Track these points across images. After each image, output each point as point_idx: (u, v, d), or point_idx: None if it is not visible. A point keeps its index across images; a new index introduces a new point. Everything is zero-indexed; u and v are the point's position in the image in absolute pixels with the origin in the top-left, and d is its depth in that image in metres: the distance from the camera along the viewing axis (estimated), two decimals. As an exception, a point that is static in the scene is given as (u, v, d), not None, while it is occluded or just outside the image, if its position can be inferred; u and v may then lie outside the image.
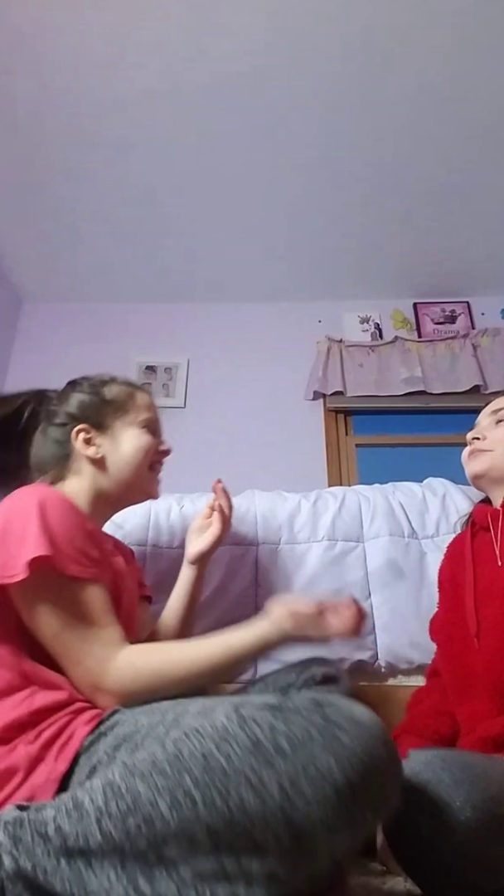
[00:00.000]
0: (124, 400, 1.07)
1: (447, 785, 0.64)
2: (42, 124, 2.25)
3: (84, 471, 1.02)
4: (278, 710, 0.58)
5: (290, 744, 0.54)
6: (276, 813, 0.51)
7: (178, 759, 0.54)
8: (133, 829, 0.51)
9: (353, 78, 2.08)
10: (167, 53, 2.00)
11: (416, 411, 2.84)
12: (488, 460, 1.07)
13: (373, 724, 0.58)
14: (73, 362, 2.98)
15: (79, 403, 1.05)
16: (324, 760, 0.53)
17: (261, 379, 2.96)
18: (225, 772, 0.53)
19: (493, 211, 2.63)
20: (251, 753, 0.54)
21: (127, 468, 1.02)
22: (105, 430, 1.03)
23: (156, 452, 1.07)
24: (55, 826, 0.53)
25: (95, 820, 0.52)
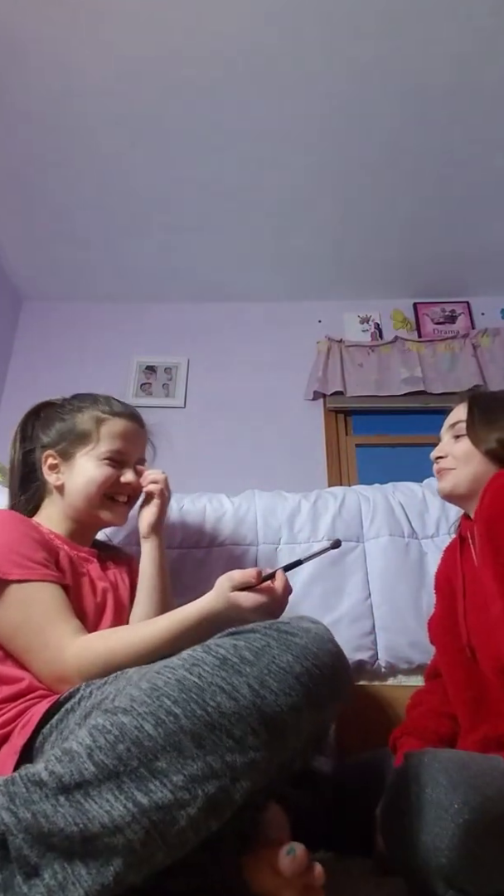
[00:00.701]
0: (90, 431, 1.08)
1: (444, 787, 0.64)
2: (42, 124, 2.25)
3: (54, 497, 1.09)
4: (237, 633, 0.67)
5: (253, 653, 0.62)
6: (249, 708, 0.58)
7: (155, 689, 0.60)
8: (124, 752, 0.56)
9: (353, 78, 2.08)
10: (167, 53, 2.00)
11: (416, 411, 2.85)
12: (452, 479, 1.08)
13: (318, 628, 0.68)
14: (73, 362, 3.01)
15: (54, 430, 1.10)
16: (283, 658, 0.62)
17: (261, 379, 2.96)
18: (199, 686, 0.59)
19: (493, 211, 2.63)
20: (220, 668, 0.61)
21: (79, 498, 1.05)
22: (68, 459, 1.07)
23: (112, 486, 1.06)
24: (48, 772, 0.56)
25: (87, 756, 0.56)
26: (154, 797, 0.54)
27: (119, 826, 0.52)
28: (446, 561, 1.16)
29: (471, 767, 0.68)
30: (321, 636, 0.67)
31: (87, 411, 1.10)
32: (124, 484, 1.08)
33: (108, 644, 0.84)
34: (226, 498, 1.51)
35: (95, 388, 1.17)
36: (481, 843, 0.61)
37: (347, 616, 1.32)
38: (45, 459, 1.08)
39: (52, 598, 0.88)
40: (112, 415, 1.10)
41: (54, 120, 2.23)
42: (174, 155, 2.39)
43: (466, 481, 1.06)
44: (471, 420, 1.08)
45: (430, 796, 0.63)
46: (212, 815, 0.56)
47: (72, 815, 0.53)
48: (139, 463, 1.13)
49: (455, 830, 0.61)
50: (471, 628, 0.97)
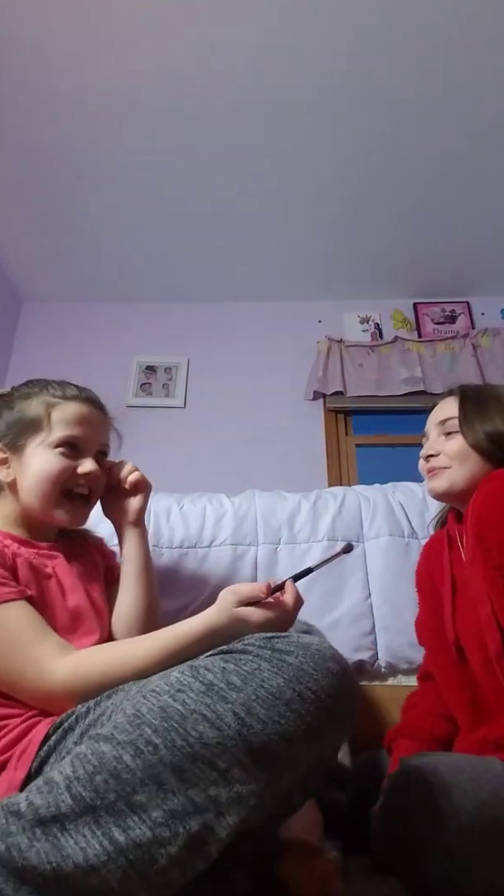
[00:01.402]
0: (39, 417, 0.95)
1: (439, 791, 0.64)
2: (43, 125, 2.25)
3: (4, 492, 0.97)
4: (228, 653, 0.61)
5: (241, 677, 0.57)
6: (233, 738, 0.54)
7: (138, 716, 0.57)
8: (101, 785, 0.53)
9: (353, 78, 2.08)
10: (169, 56, 2.00)
11: (416, 411, 2.83)
12: (448, 478, 1.04)
13: (320, 645, 0.62)
14: (73, 362, 3.01)
15: (1, 422, 0.98)
16: (273, 682, 0.57)
17: (261, 379, 2.96)
18: (182, 714, 0.55)
19: (494, 211, 2.63)
20: (205, 694, 0.57)
21: (32, 495, 0.93)
22: (16, 451, 0.95)
23: (69, 478, 0.94)
24: (27, 802, 0.54)
25: (65, 787, 0.53)
26: (132, 834, 0.51)
27: (94, 866, 0.50)
28: (427, 558, 1.13)
29: (466, 771, 0.68)
30: (321, 654, 0.60)
31: (35, 397, 0.97)
32: (83, 474, 0.95)
33: (102, 663, 0.78)
34: (226, 498, 1.51)
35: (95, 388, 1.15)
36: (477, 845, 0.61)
37: (347, 616, 1.32)
38: None
39: (18, 619, 0.80)
40: (64, 398, 0.97)
41: (55, 120, 2.23)
42: (174, 155, 2.39)
43: (462, 480, 1.02)
44: (463, 416, 1.04)
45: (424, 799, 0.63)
46: (195, 853, 0.52)
47: (45, 852, 0.50)
48: (101, 452, 1.01)
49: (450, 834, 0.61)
50: (460, 630, 0.96)
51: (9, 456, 0.95)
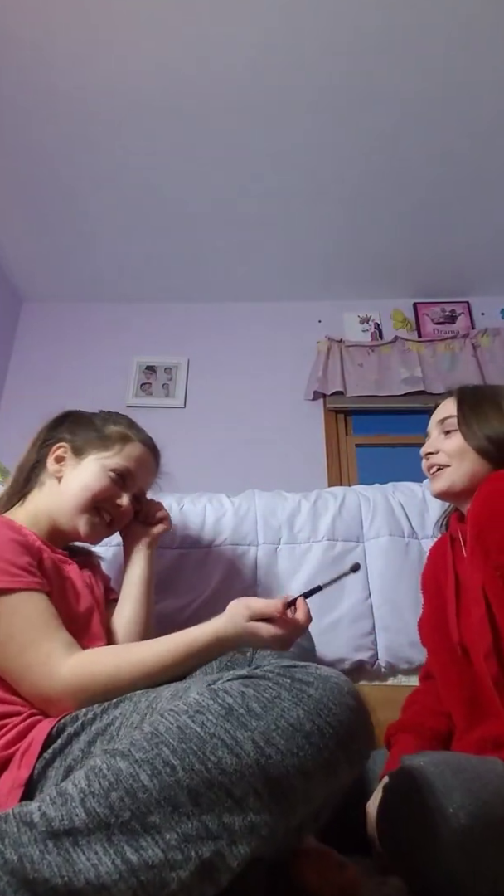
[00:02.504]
0: (112, 439, 1.06)
1: (440, 791, 0.63)
2: (43, 125, 2.25)
3: (45, 485, 1.04)
4: (248, 678, 0.61)
5: (261, 705, 0.57)
6: (252, 767, 0.53)
7: (156, 735, 0.57)
8: (116, 802, 0.52)
9: (353, 78, 2.08)
10: (169, 56, 2.00)
11: (416, 411, 2.84)
12: (448, 477, 1.05)
13: (338, 678, 0.61)
14: (73, 362, 3.01)
15: (81, 429, 1.08)
16: (293, 713, 0.56)
17: (261, 379, 2.96)
18: (201, 737, 0.55)
19: (494, 211, 2.63)
20: (224, 718, 0.56)
21: (71, 497, 1.00)
22: (78, 456, 1.04)
23: (107, 500, 1.02)
24: (40, 813, 0.53)
25: (80, 801, 0.53)
26: (144, 855, 0.51)
27: (105, 884, 0.49)
28: (433, 560, 1.15)
29: (467, 770, 0.68)
30: (339, 688, 0.60)
31: (118, 425, 1.09)
32: (116, 505, 1.03)
33: (112, 665, 0.78)
34: (226, 498, 1.51)
35: (96, 387, 1.17)
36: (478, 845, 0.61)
37: (347, 616, 1.32)
38: (55, 449, 1.04)
39: (37, 609, 0.81)
40: (139, 439, 1.09)
41: (56, 120, 2.23)
42: (175, 155, 2.39)
43: (462, 479, 1.04)
44: (461, 416, 1.07)
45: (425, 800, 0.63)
46: (206, 880, 0.51)
47: (58, 866, 0.50)
48: (137, 495, 1.10)
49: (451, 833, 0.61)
50: (464, 629, 0.96)
51: (68, 457, 1.04)
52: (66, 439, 1.06)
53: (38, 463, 1.07)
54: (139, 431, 1.11)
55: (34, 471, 1.06)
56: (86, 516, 1.00)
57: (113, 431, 1.07)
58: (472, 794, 0.63)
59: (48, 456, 1.05)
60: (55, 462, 1.04)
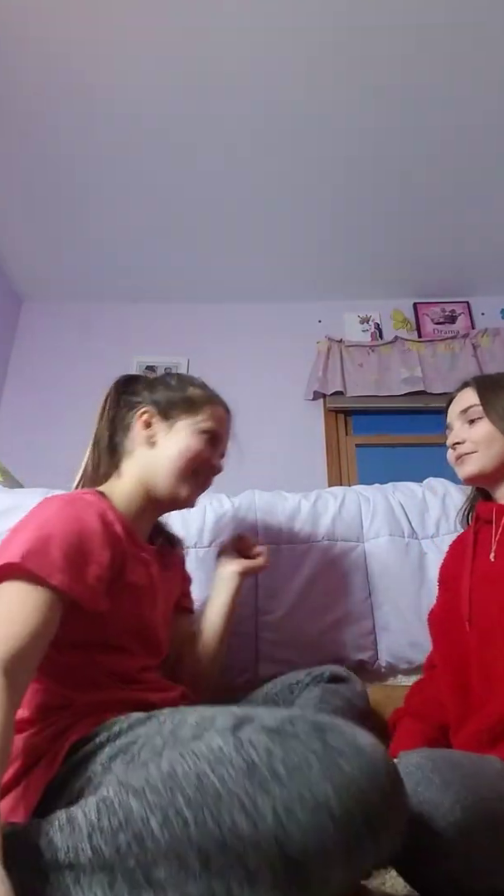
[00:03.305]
0: (200, 402, 1.06)
1: (437, 787, 0.63)
2: (45, 125, 2.25)
3: (136, 454, 1.02)
4: (276, 734, 0.55)
5: (287, 769, 0.52)
6: (269, 839, 0.49)
7: (172, 777, 0.54)
8: (123, 845, 0.50)
9: (353, 78, 2.08)
10: (170, 55, 2.00)
11: (416, 411, 2.85)
12: (477, 462, 1.08)
13: (376, 752, 0.55)
14: (73, 362, 3.01)
15: (160, 389, 1.07)
16: (321, 788, 0.50)
17: (261, 379, 2.96)
18: (218, 793, 0.51)
19: (493, 211, 2.63)
20: (246, 776, 0.52)
21: (169, 463, 0.99)
22: (168, 421, 1.03)
23: (204, 462, 1.03)
24: (47, 840, 0.52)
25: (87, 835, 0.52)
26: None
27: None
28: (454, 552, 1.17)
29: (464, 766, 0.68)
30: (375, 767, 0.53)
31: (198, 388, 1.09)
32: (212, 466, 1.05)
33: None
34: (226, 498, 1.51)
35: (95, 388, 1.16)
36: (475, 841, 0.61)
37: (347, 616, 1.32)
38: (141, 415, 1.03)
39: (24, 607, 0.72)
40: (218, 402, 1.10)
41: (56, 121, 2.23)
42: (176, 156, 2.39)
43: (492, 462, 1.06)
44: (485, 402, 1.09)
45: (422, 795, 0.63)
46: None
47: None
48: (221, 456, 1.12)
49: (449, 829, 0.61)
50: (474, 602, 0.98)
51: (155, 422, 1.03)
52: (148, 403, 1.04)
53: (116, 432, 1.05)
54: (217, 394, 1.12)
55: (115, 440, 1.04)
56: (185, 482, 1.00)
57: (197, 394, 1.07)
58: (470, 789, 0.63)
59: (133, 422, 1.03)
60: (144, 427, 1.02)
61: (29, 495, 1.49)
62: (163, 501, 1.02)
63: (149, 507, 1.01)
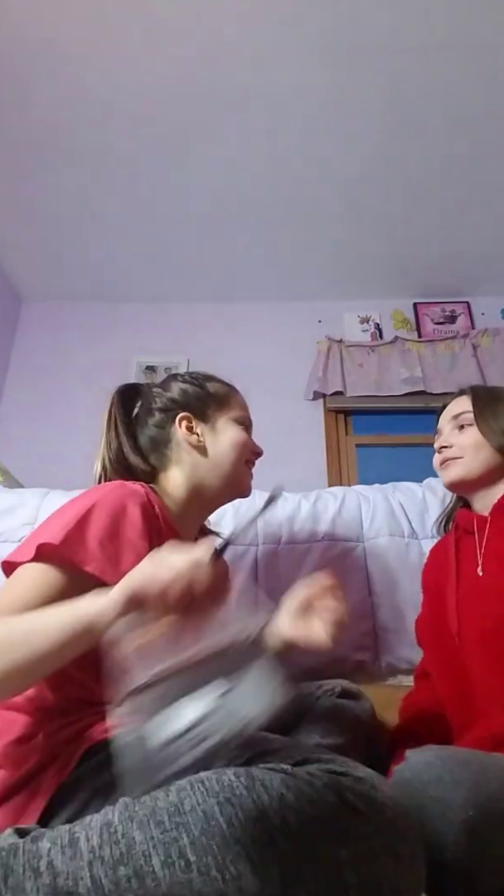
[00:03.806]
0: (226, 395, 1.08)
1: (447, 784, 0.63)
2: (44, 125, 2.25)
3: (185, 460, 1.02)
4: (291, 777, 0.51)
5: (300, 821, 0.48)
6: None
7: (179, 812, 0.51)
8: (123, 880, 0.49)
9: (353, 78, 2.08)
10: (170, 55, 2.00)
11: (416, 411, 2.84)
12: (462, 468, 1.08)
13: (395, 807, 0.51)
14: (73, 362, 3.01)
15: (181, 392, 1.07)
16: (337, 853, 0.46)
17: (260, 379, 2.95)
18: (224, 837, 0.48)
19: (493, 211, 2.63)
20: (255, 823, 0.48)
21: (226, 460, 1.02)
22: (206, 421, 1.04)
23: (250, 449, 1.07)
24: (48, 861, 0.52)
25: (88, 863, 0.50)
26: None
27: None
28: (434, 559, 1.16)
29: (473, 763, 0.68)
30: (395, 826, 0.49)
31: (216, 382, 1.11)
32: (255, 452, 1.08)
33: None
34: (226, 498, 1.51)
35: (95, 388, 1.16)
36: (485, 839, 0.61)
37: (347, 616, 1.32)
38: (181, 422, 1.02)
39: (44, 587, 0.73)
40: (235, 389, 1.13)
41: (56, 121, 2.23)
42: (176, 157, 2.39)
43: (477, 469, 1.06)
44: (478, 411, 1.09)
45: (433, 793, 0.63)
46: None
47: None
48: None
49: (459, 827, 0.61)
50: (462, 617, 0.97)
51: (196, 424, 1.03)
52: (183, 405, 1.04)
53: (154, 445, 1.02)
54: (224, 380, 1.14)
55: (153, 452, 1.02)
56: (245, 470, 1.05)
57: (219, 388, 1.09)
58: (480, 786, 0.63)
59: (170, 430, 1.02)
60: (188, 433, 1.02)
61: (29, 495, 1.49)
62: (219, 497, 1.04)
63: (197, 507, 1.02)
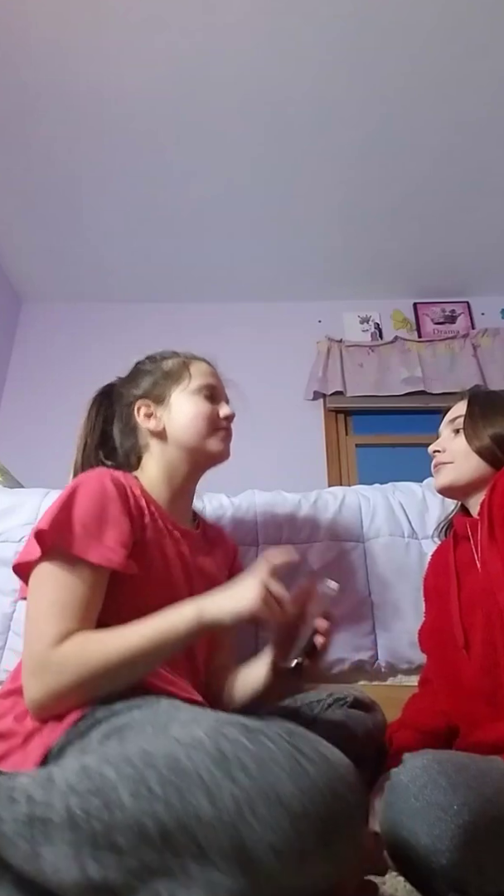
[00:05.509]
0: (179, 369, 1.07)
1: (444, 788, 0.63)
2: (44, 125, 2.25)
3: (152, 446, 1.04)
4: (248, 731, 0.58)
5: (256, 763, 0.54)
6: (227, 826, 0.52)
7: (149, 755, 0.57)
8: (93, 809, 0.53)
9: (352, 77, 2.08)
10: (170, 56, 2.00)
11: (416, 411, 2.85)
12: (451, 473, 1.08)
13: (341, 763, 0.57)
14: (73, 362, 3.01)
15: (142, 381, 1.08)
16: (285, 787, 0.53)
17: (261, 379, 2.95)
18: (188, 774, 0.54)
19: (493, 211, 2.63)
20: (215, 763, 0.55)
21: (186, 434, 1.02)
22: (164, 402, 1.04)
23: (213, 417, 1.05)
24: (25, 793, 0.56)
25: (61, 793, 0.55)
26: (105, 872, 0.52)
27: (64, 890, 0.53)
28: (434, 566, 1.16)
29: (470, 768, 0.68)
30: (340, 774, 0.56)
31: (171, 358, 1.11)
32: (224, 417, 1.06)
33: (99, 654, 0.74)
34: (226, 498, 1.51)
35: (95, 388, 1.16)
36: (482, 843, 0.61)
37: (347, 616, 1.32)
38: (139, 410, 1.04)
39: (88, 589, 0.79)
40: (195, 358, 1.12)
41: (56, 122, 2.23)
42: (175, 157, 2.39)
43: (466, 475, 1.06)
44: (468, 417, 1.09)
45: (429, 797, 0.63)
46: None
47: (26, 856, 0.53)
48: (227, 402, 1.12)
49: (455, 831, 0.60)
50: (467, 626, 0.97)
51: (154, 408, 1.04)
52: (142, 394, 1.06)
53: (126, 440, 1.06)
54: (186, 353, 1.13)
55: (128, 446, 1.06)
56: (210, 438, 1.03)
57: (173, 363, 1.09)
58: (476, 790, 0.63)
59: (135, 421, 1.05)
60: (147, 419, 1.04)
61: (29, 495, 1.49)
62: (195, 472, 1.05)
63: (179, 489, 1.02)
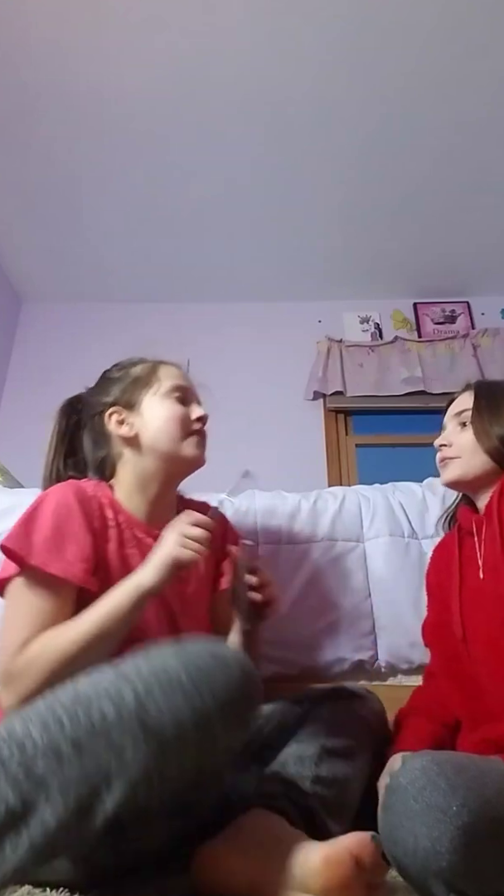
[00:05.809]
0: (148, 374, 1.06)
1: (443, 790, 0.63)
2: (44, 125, 2.25)
3: (125, 454, 1.02)
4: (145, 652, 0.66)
5: (148, 665, 0.62)
6: (130, 716, 0.58)
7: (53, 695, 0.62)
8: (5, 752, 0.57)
9: (352, 78, 2.08)
10: (170, 56, 2.00)
11: (416, 411, 2.85)
12: (458, 468, 1.06)
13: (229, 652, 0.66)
14: (73, 362, 2.99)
15: (112, 389, 1.07)
16: (174, 669, 0.61)
17: (261, 379, 2.96)
18: (89, 696, 0.60)
19: (493, 211, 2.63)
20: (114, 676, 0.62)
21: (159, 441, 1.00)
22: (135, 408, 1.03)
23: (185, 420, 1.03)
24: None
25: None
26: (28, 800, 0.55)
27: None
28: (437, 561, 1.15)
29: (469, 770, 0.68)
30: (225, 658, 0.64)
31: (140, 364, 1.10)
32: (197, 419, 1.04)
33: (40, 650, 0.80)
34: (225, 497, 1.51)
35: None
36: (481, 845, 0.61)
37: (347, 616, 1.32)
38: (110, 417, 1.03)
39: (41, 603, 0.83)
40: (163, 363, 1.11)
41: (56, 122, 2.23)
42: (175, 157, 2.39)
43: (474, 469, 1.04)
44: (476, 412, 1.07)
45: (428, 799, 0.63)
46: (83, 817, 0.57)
47: None
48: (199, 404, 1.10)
49: (455, 833, 0.60)
50: (467, 622, 0.97)
51: (125, 415, 1.03)
52: (112, 402, 1.05)
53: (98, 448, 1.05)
54: (155, 358, 1.13)
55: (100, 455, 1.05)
56: (184, 441, 1.01)
57: (142, 369, 1.08)
58: (475, 791, 0.63)
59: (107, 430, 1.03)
60: (119, 426, 1.02)
61: (29, 495, 1.49)
62: (172, 478, 1.04)
63: (157, 495, 1.01)
